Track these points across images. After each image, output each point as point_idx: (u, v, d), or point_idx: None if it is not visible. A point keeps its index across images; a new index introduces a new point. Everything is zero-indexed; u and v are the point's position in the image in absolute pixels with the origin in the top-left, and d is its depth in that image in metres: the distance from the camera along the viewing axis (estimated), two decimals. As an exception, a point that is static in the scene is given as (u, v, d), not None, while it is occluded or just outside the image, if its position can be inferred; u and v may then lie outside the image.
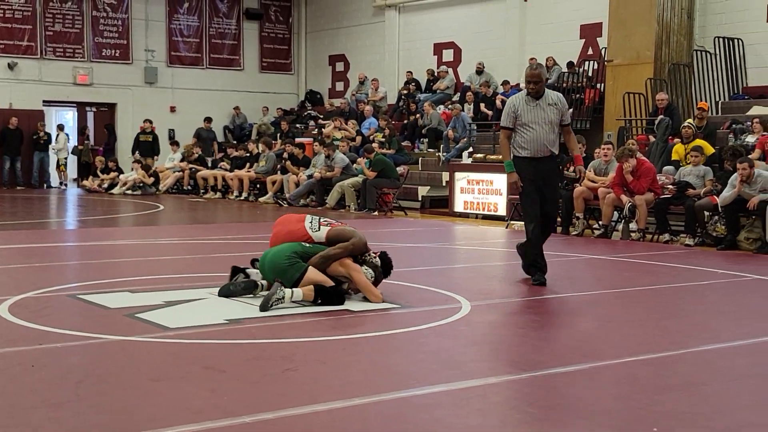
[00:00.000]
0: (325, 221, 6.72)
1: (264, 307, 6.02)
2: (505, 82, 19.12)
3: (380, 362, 4.75)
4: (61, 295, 6.51)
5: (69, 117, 24.79)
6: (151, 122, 22.33)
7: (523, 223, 13.50)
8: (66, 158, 22.73)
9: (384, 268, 6.60)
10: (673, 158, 12.92)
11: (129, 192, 19.92)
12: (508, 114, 7.42)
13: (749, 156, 11.38)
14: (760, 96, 15.30)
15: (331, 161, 16.85)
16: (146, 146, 22.00)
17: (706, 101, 15.04)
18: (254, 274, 6.77)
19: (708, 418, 3.80)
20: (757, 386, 4.38)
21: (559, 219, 12.46)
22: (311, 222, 6.66)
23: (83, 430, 3.46)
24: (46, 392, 3.99)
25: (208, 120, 23.25)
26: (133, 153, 21.89)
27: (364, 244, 6.53)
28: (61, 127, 22.73)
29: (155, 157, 21.70)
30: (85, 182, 21.54)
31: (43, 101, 22.76)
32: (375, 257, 6.58)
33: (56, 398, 3.89)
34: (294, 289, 6.17)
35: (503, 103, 18.50)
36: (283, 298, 6.11)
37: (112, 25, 23.43)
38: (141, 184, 20.22)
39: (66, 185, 22.51)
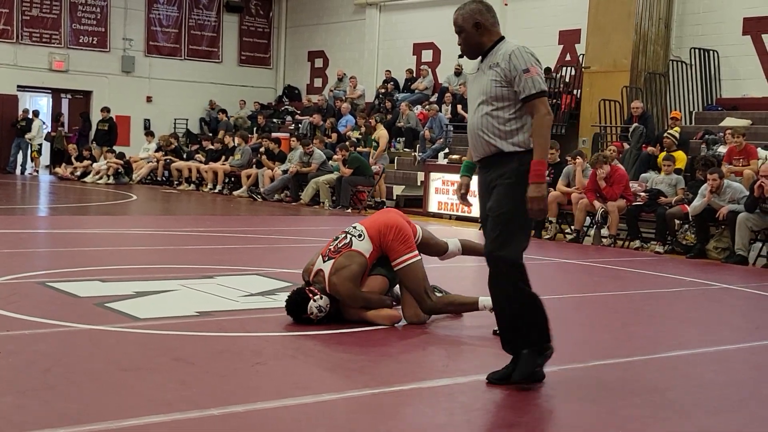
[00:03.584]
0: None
1: None
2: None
3: (349, 359, 4.77)
4: (30, 282, 6.45)
5: (43, 103, 24.52)
6: (108, 110, 21.98)
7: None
8: (40, 145, 22.45)
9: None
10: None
11: (101, 182, 19.70)
12: None
13: (720, 167, 11.52)
14: (733, 108, 15.48)
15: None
16: (102, 135, 21.70)
17: (680, 111, 15.19)
18: None
19: (673, 423, 3.86)
20: (720, 393, 4.45)
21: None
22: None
23: (50, 418, 3.45)
24: (12, 379, 3.96)
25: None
26: (91, 142, 21.63)
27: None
28: (36, 114, 22.46)
29: (103, 148, 20.75)
30: (57, 169, 21.33)
31: (18, 86, 22.51)
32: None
33: (23, 386, 3.86)
34: None
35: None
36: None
37: (90, 12, 23.22)
38: (119, 170, 19.95)
39: (37, 172, 22.21)
